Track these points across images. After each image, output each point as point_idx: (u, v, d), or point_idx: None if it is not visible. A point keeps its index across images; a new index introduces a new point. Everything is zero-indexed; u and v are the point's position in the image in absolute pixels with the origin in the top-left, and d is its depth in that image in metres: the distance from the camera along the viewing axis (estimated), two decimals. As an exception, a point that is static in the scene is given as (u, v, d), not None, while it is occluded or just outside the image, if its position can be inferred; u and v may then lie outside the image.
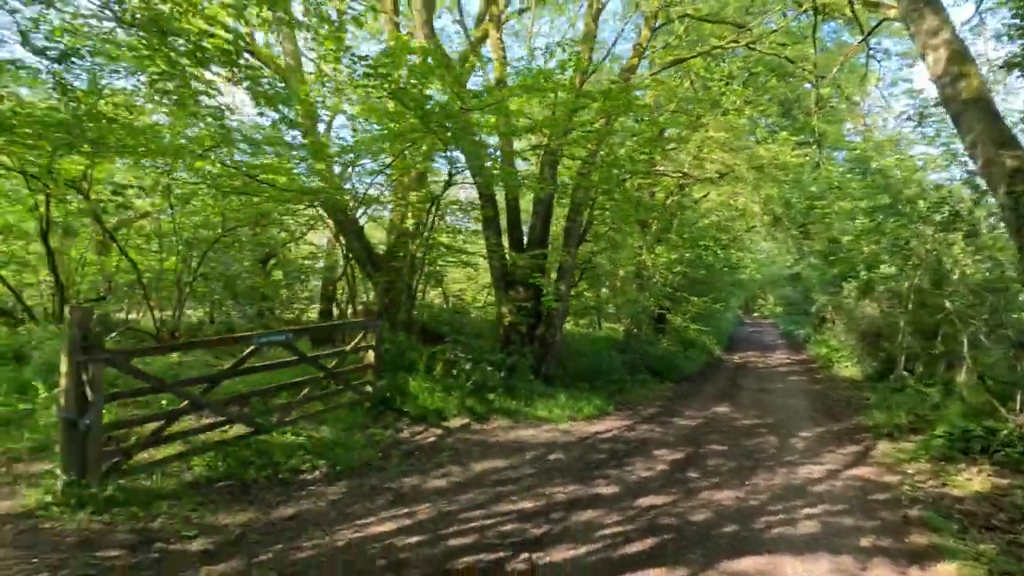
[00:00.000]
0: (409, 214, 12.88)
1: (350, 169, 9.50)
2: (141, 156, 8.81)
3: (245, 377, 6.12)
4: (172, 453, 5.12)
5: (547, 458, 6.40)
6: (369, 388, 7.12)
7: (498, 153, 9.46)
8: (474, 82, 11.78)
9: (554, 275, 10.99)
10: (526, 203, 12.05)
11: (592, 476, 5.86)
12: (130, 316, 14.37)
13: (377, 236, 14.94)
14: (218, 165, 9.90)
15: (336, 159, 10.85)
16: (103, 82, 7.65)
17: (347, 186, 11.85)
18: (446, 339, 8.86)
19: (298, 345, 6.38)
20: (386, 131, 9.40)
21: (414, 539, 4.22)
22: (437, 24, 10.44)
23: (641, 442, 7.37)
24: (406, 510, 4.74)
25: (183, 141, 9.50)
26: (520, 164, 12.91)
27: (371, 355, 7.19)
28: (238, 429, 5.64)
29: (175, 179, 11.16)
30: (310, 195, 11.35)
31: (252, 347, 5.52)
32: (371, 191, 11.66)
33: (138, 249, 12.78)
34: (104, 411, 4.53)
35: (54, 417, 5.71)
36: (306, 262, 16.57)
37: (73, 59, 5.66)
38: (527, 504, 4.98)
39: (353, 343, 6.93)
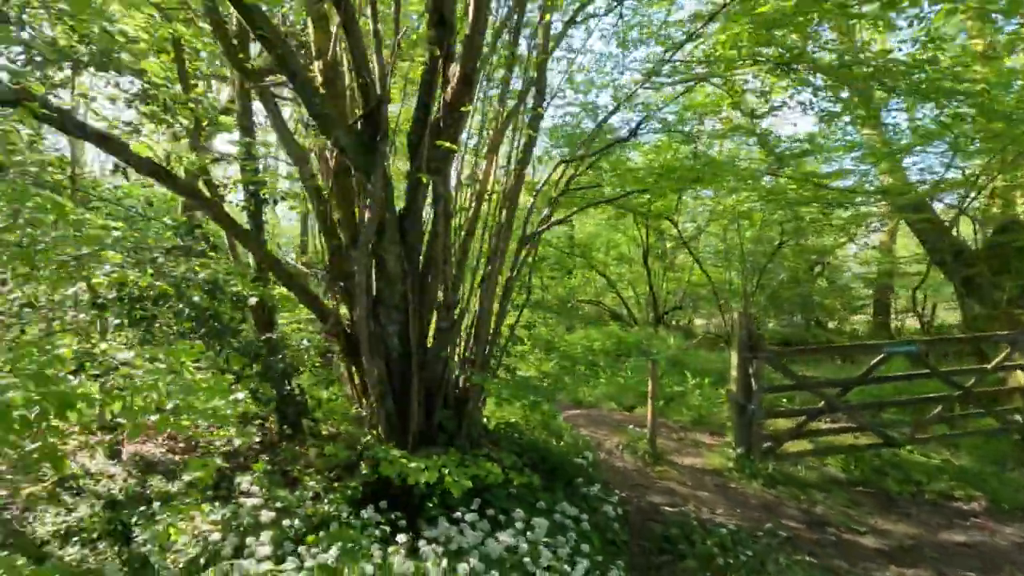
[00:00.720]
0: (1020, 197, 9.96)
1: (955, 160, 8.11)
2: (725, 185, 10.37)
3: (868, 387, 6.06)
4: (806, 449, 5.56)
5: None
6: (1018, 417, 5.78)
7: None
8: None
9: None
10: None
11: None
12: (696, 321, 16.97)
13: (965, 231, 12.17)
14: (780, 180, 10.51)
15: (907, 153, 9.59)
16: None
17: (919, 179, 10.29)
18: None
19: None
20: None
21: None
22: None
23: None
24: None
25: (743, 164, 10.67)
26: None
27: (1020, 376, 5.82)
28: (866, 437, 5.62)
29: (737, 201, 12.48)
30: (882, 195, 10.44)
31: (881, 355, 5.40)
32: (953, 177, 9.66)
33: (705, 264, 14.82)
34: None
35: (698, 400, 7.27)
36: (858, 268, 15.32)
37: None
38: None
39: (996, 360, 5.79)
